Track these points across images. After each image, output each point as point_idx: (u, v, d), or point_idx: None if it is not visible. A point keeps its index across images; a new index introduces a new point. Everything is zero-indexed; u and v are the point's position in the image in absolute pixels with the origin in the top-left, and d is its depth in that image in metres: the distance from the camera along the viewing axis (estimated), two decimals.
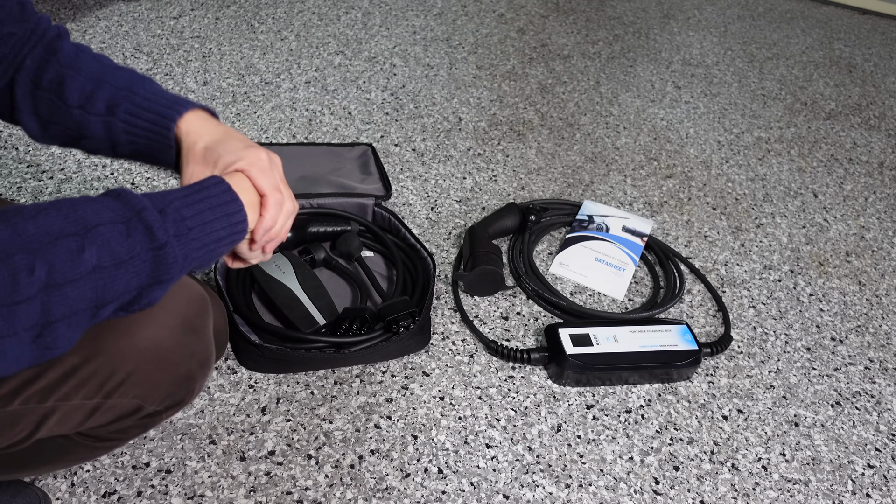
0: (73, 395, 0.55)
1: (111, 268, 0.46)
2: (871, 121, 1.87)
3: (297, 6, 2.01)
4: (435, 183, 1.38)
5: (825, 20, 2.48)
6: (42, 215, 0.44)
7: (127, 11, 1.84)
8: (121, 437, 0.67)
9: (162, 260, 0.48)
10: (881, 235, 1.44)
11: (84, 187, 1.23)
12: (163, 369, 0.59)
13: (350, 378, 0.96)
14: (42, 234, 0.43)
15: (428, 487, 0.85)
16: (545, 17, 2.18)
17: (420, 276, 1.07)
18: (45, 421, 0.55)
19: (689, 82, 1.93)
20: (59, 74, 0.62)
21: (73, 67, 0.62)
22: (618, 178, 1.48)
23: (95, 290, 0.45)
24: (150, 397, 0.60)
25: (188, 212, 0.51)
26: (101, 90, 0.62)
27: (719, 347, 1.07)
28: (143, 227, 0.48)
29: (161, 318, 0.58)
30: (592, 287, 1.18)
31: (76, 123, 0.62)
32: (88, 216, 0.46)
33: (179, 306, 0.60)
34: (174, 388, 0.62)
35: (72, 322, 0.44)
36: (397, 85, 1.69)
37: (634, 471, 0.90)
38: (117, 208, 0.48)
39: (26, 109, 0.63)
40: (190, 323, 0.61)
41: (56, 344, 0.44)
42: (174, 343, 0.59)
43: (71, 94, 0.61)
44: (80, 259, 0.44)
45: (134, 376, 0.57)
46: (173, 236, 0.49)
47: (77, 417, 0.57)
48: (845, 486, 0.93)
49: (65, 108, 0.62)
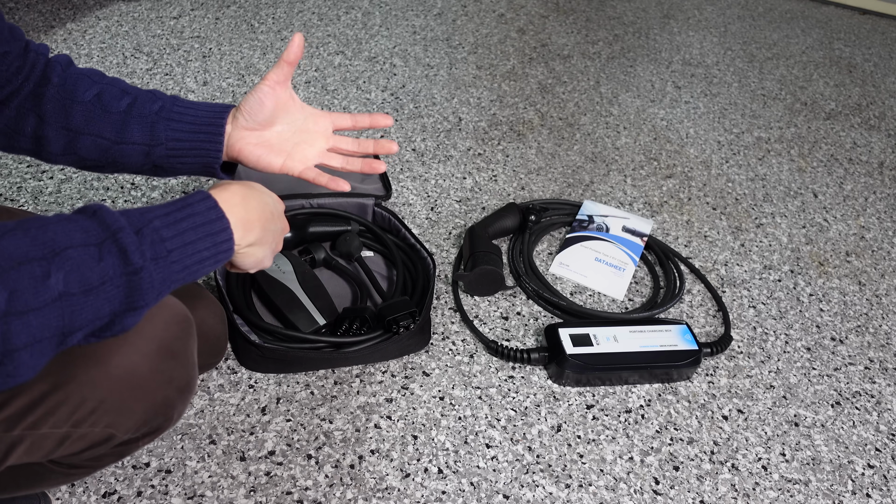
0: (42, 423, 0.52)
1: (80, 294, 0.43)
2: (871, 121, 1.87)
3: (297, 6, 2.01)
4: (435, 183, 1.38)
5: (825, 20, 2.48)
6: (7, 237, 0.41)
7: (127, 11, 1.84)
8: (95, 465, 0.64)
9: (136, 285, 0.46)
10: (881, 235, 1.44)
11: (84, 187, 1.23)
12: (137, 397, 0.56)
13: (350, 378, 0.96)
14: (4, 259, 0.40)
15: (428, 487, 0.85)
16: (545, 17, 2.18)
17: (420, 276, 1.07)
18: (13, 450, 0.53)
19: (689, 82, 1.93)
20: (97, 89, 0.66)
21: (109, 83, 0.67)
22: (618, 178, 1.48)
23: (62, 318, 0.42)
24: (123, 426, 0.57)
25: (168, 232, 0.48)
26: (155, 101, 0.67)
27: (719, 347, 1.07)
28: (117, 250, 0.45)
29: (136, 344, 0.55)
30: (592, 287, 1.18)
31: (116, 128, 0.65)
32: (58, 238, 0.43)
33: (156, 330, 0.57)
34: (150, 416, 0.59)
35: (35, 350, 0.42)
36: (397, 85, 1.69)
37: (634, 471, 0.90)
38: (91, 228, 0.44)
39: (56, 123, 0.65)
40: (167, 347, 0.58)
41: (18, 372, 0.42)
42: (149, 369, 0.56)
43: (111, 102, 0.65)
44: (46, 285, 0.41)
45: (105, 404, 0.54)
46: (150, 259, 0.46)
47: (47, 446, 0.54)
48: (845, 486, 0.93)
49: (106, 115, 0.65)
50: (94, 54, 1.63)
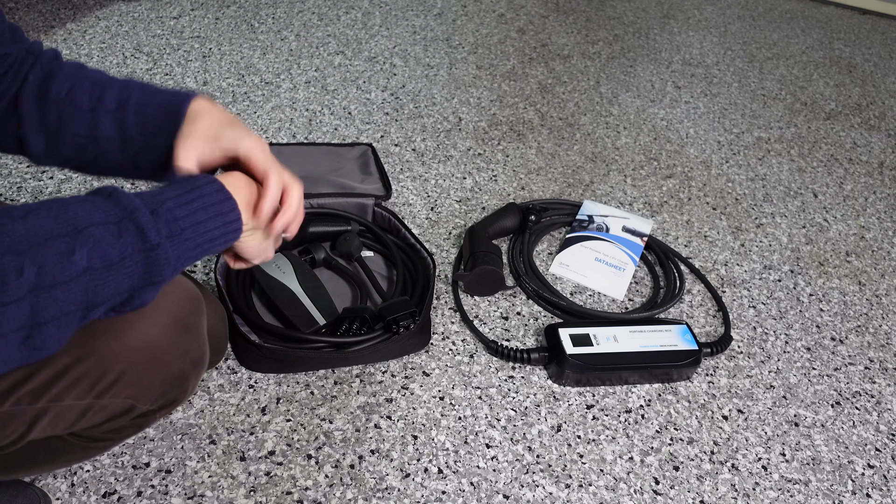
0: (65, 395, 0.54)
1: (102, 269, 0.45)
2: (871, 121, 1.87)
3: (297, 6, 2.01)
4: (435, 183, 1.38)
5: (825, 20, 2.48)
6: (32, 216, 0.43)
7: (127, 11, 1.84)
8: (114, 438, 0.67)
9: (154, 261, 0.48)
10: (881, 235, 1.44)
11: (84, 187, 1.23)
12: (155, 369, 0.59)
13: (350, 378, 0.96)
14: (31, 236, 0.42)
15: (428, 487, 0.85)
16: (545, 17, 2.18)
17: (420, 276, 1.07)
18: (37, 422, 0.55)
19: (689, 82, 1.93)
20: (68, 85, 0.63)
21: (79, 76, 0.64)
22: (618, 178, 1.48)
23: (86, 292, 0.44)
24: (143, 397, 0.60)
25: (181, 212, 0.51)
26: (110, 91, 0.63)
27: (719, 347, 1.07)
28: (134, 228, 0.47)
29: (153, 318, 0.58)
30: (592, 287, 1.18)
31: (87, 126, 0.63)
32: (79, 217, 0.45)
33: (171, 305, 0.60)
34: (167, 388, 0.61)
35: (61, 323, 0.44)
36: (397, 85, 1.69)
37: (634, 471, 0.90)
38: (108, 208, 0.47)
39: (33, 124, 0.63)
40: (182, 322, 0.61)
41: (45, 345, 0.44)
42: (166, 342, 0.59)
43: (81, 99, 0.63)
44: (71, 261, 0.43)
45: (126, 376, 0.57)
46: (166, 237, 0.48)
47: (69, 418, 0.57)
48: (845, 486, 0.93)
49: (76, 113, 0.63)
50: (94, 54, 1.63)
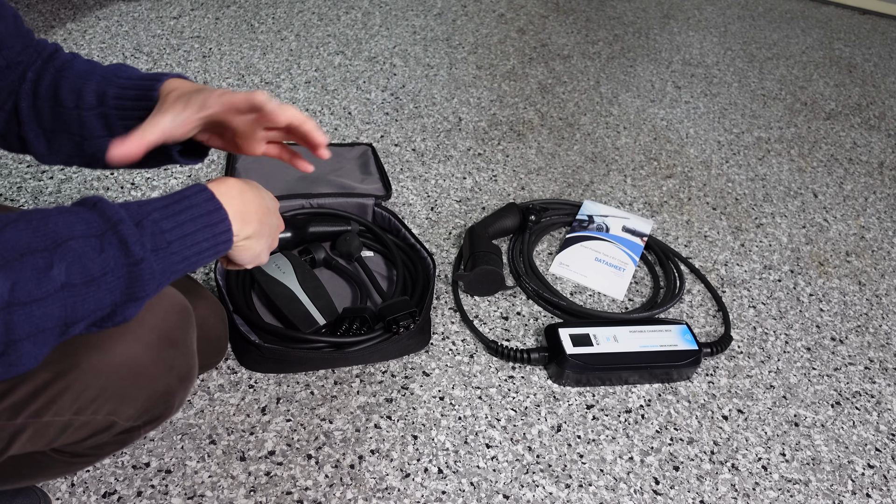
0: (45, 411, 0.53)
1: (82, 285, 0.43)
2: (871, 121, 1.87)
3: (297, 6, 2.01)
4: (435, 183, 1.38)
5: (825, 20, 2.48)
6: (10, 228, 0.42)
7: (127, 11, 1.84)
8: (98, 454, 0.65)
9: (137, 276, 0.46)
10: (881, 235, 1.44)
11: (84, 187, 1.23)
12: (138, 385, 0.57)
13: (350, 378, 0.96)
14: (7, 251, 0.41)
15: (428, 487, 0.85)
16: (545, 17, 2.18)
17: (420, 276, 1.07)
18: (16, 438, 0.53)
19: (689, 82, 1.93)
20: (53, 80, 0.62)
21: (64, 69, 0.63)
22: (618, 178, 1.48)
23: (64, 308, 0.43)
24: (125, 414, 0.58)
25: (168, 224, 0.49)
26: (88, 85, 0.61)
27: (719, 347, 1.07)
28: (117, 242, 0.45)
29: (137, 333, 0.56)
30: (592, 287, 1.18)
31: (77, 124, 0.62)
32: (60, 229, 0.43)
33: (157, 319, 0.58)
34: (151, 404, 0.59)
35: (38, 340, 0.42)
36: (397, 85, 1.69)
37: (634, 471, 0.90)
38: (92, 220, 0.45)
39: (31, 124, 0.63)
40: (168, 336, 0.59)
41: (21, 362, 0.43)
42: (150, 358, 0.57)
43: (65, 97, 0.61)
44: (48, 276, 0.42)
45: (107, 392, 0.55)
46: (150, 251, 0.47)
47: (49, 434, 0.55)
48: (845, 486, 0.93)
49: (64, 112, 0.62)
50: (94, 54, 1.63)
